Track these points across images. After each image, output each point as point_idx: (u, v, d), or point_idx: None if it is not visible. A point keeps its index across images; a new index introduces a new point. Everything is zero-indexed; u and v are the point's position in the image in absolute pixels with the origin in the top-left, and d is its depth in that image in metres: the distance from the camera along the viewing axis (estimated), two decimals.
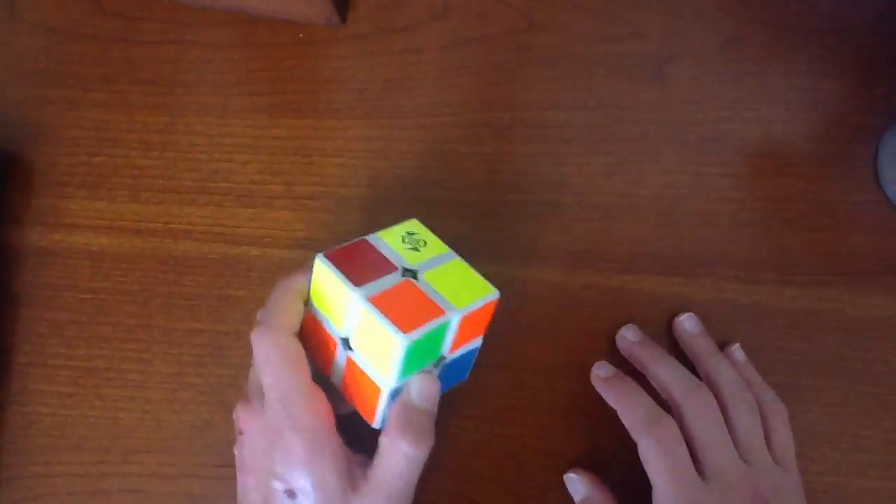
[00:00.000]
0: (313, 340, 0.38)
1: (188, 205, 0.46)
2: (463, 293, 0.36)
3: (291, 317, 0.37)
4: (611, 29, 0.47)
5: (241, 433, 0.37)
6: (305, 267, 0.37)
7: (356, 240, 0.37)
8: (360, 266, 0.36)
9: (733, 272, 0.44)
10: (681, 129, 0.46)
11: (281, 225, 0.46)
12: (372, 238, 0.37)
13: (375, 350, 0.35)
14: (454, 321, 0.35)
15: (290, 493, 0.35)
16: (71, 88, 0.48)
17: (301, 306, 0.37)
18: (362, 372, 0.36)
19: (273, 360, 0.35)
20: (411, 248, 0.37)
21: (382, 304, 0.34)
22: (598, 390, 0.41)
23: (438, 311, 0.34)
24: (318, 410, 0.35)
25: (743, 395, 0.39)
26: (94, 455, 0.44)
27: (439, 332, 0.35)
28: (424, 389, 0.36)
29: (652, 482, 0.37)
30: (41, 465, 0.44)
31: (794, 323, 0.44)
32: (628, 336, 0.43)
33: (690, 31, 0.47)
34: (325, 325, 0.37)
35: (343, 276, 0.35)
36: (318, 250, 0.45)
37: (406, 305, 0.34)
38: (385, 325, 0.33)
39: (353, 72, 0.47)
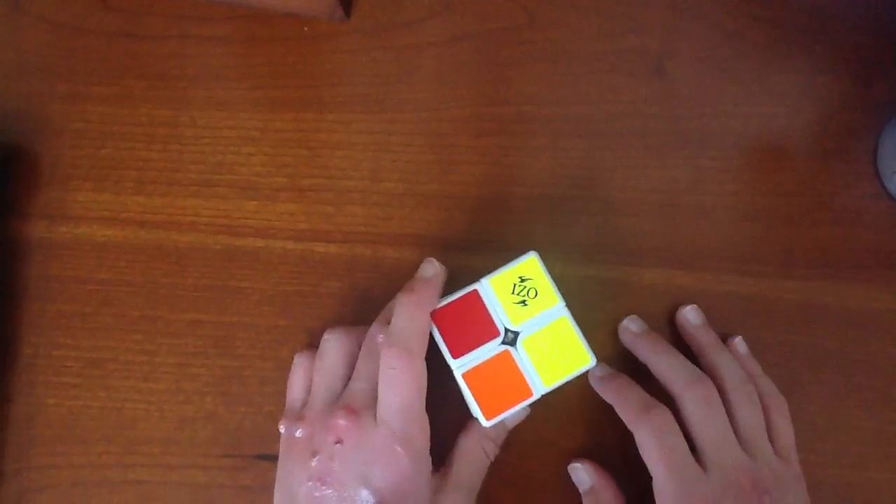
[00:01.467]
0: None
1: (192, 197, 0.47)
2: (557, 366, 0.37)
3: (426, 341, 0.38)
4: (611, 24, 0.47)
5: (339, 442, 0.37)
6: (428, 284, 0.39)
7: (467, 290, 0.38)
8: (462, 328, 0.38)
9: (733, 265, 0.44)
10: (681, 124, 0.46)
11: (285, 217, 0.46)
12: (483, 286, 0.38)
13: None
14: (541, 393, 0.37)
15: None
16: (75, 82, 0.49)
17: (429, 325, 0.38)
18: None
19: (408, 383, 0.37)
20: (519, 303, 0.38)
21: (474, 381, 0.37)
22: (596, 390, 0.42)
23: (526, 394, 0.37)
24: (427, 435, 0.37)
25: (745, 386, 0.39)
26: (99, 446, 0.44)
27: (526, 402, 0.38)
28: (516, 416, 0.41)
29: (651, 472, 0.37)
30: (46, 456, 0.45)
31: (794, 316, 0.44)
32: (631, 327, 0.43)
33: (690, 26, 0.47)
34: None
35: (444, 344, 0.38)
36: (320, 242, 0.45)
37: (499, 389, 0.37)
38: (472, 405, 0.37)
39: (357, 66, 0.48)
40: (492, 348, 0.38)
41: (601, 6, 0.47)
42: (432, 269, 0.40)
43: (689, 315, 0.43)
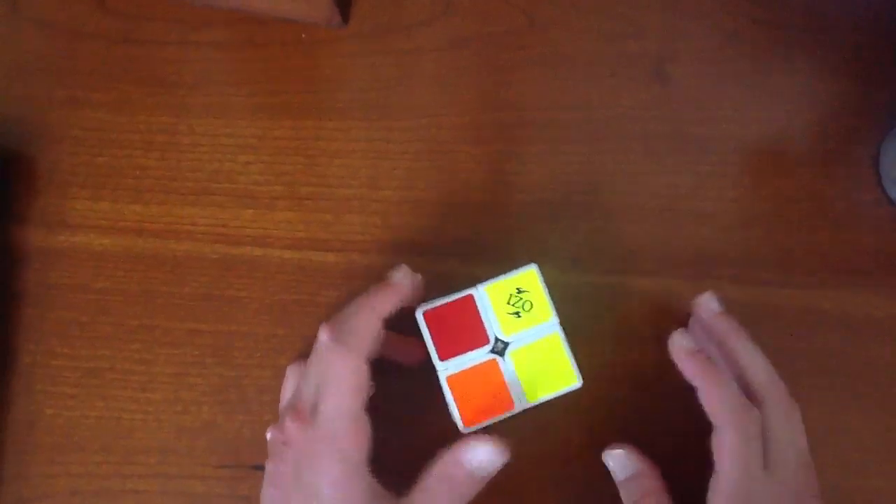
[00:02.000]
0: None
1: (190, 205, 0.47)
2: (542, 382, 0.37)
3: (371, 342, 0.37)
4: (611, 28, 0.47)
5: (285, 444, 0.36)
6: (389, 288, 0.38)
7: (463, 294, 0.38)
8: (453, 331, 0.38)
9: (734, 271, 0.44)
10: (681, 128, 0.46)
11: (283, 225, 0.46)
12: (479, 293, 0.38)
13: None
14: (523, 406, 0.37)
15: None
16: (73, 88, 0.49)
17: (380, 330, 0.37)
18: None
19: (343, 382, 0.36)
20: (513, 314, 0.38)
21: (457, 386, 0.37)
22: (678, 362, 0.38)
23: (508, 405, 0.37)
24: (364, 440, 0.36)
25: (776, 392, 0.38)
26: (96, 455, 0.44)
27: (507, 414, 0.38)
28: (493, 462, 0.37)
29: (717, 467, 0.36)
30: (44, 465, 0.44)
31: (794, 322, 0.44)
32: (684, 343, 0.39)
33: (691, 30, 0.47)
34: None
35: (432, 345, 0.37)
36: (318, 251, 0.45)
37: (482, 397, 0.37)
38: (453, 410, 0.37)
39: (355, 72, 0.47)
40: (480, 356, 0.37)
41: (601, 10, 0.47)
42: (399, 275, 0.39)
43: (710, 303, 0.41)
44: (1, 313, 0.46)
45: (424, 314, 0.38)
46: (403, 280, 0.39)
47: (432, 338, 0.38)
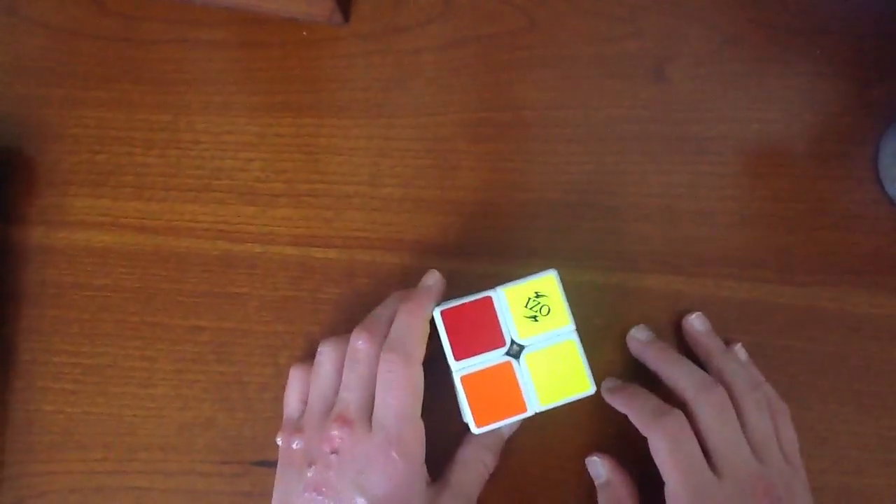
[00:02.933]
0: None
1: (191, 202, 0.47)
2: (556, 387, 0.37)
3: (423, 348, 0.38)
4: (611, 29, 0.47)
5: (335, 453, 0.37)
6: (427, 293, 0.39)
7: (481, 295, 0.38)
8: (469, 332, 0.38)
9: (733, 270, 0.44)
10: (681, 129, 0.46)
11: (283, 222, 0.46)
12: (497, 295, 0.38)
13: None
14: (535, 409, 0.37)
15: None
16: (73, 87, 0.49)
17: (428, 333, 0.39)
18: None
19: (404, 388, 0.37)
20: (530, 317, 0.38)
21: (471, 386, 0.37)
22: (608, 401, 0.42)
23: (520, 408, 0.37)
24: (422, 442, 0.37)
25: (754, 392, 0.39)
26: (97, 452, 0.44)
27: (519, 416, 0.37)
28: (513, 425, 0.42)
29: (664, 477, 0.37)
30: (44, 463, 0.44)
31: (793, 321, 0.44)
32: (639, 336, 0.43)
33: (689, 31, 0.47)
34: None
35: (448, 344, 0.37)
36: (319, 247, 0.45)
37: (495, 398, 0.37)
38: (465, 410, 0.37)
39: (356, 70, 0.47)
40: (495, 357, 0.37)
41: (601, 10, 0.47)
42: (432, 279, 0.41)
43: (695, 322, 0.43)
44: (1, 311, 0.46)
45: (442, 313, 0.37)
46: (437, 285, 0.41)
47: (448, 337, 0.37)
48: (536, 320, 0.37)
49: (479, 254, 0.45)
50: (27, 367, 0.45)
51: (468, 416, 0.37)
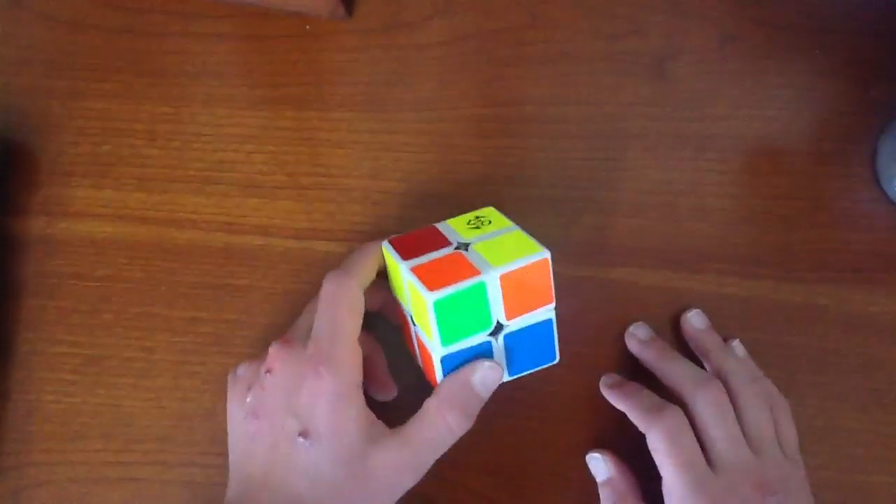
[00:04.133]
0: (406, 331, 0.39)
1: (193, 194, 0.47)
2: (506, 255, 0.35)
3: (366, 272, 0.38)
4: (612, 26, 0.47)
5: (269, 371, 0.36)
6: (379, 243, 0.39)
7: (425, 227, 0.39)
8: (417, 246, 0.37)
9: (733, 267, 0.44)
10: (680, 126, 0.46)
11: (285, 215, 0.46)
12: (440, 224, 0.39)
13: (422, 316, 0.35)
14: (493, 281, 0.35)
15: (305, 434, 0.34)
16: (76, 79, 0.49)
17: (375, 268, 0.38)
18: (422, 343, 0.37)
19: (337, 300, 0.36)
20: (474, 227, 0.38)
21: (422, 271, 0.35)
22: (607, 398, 0.42)
23: (474, 272, 0.35)
24: (358, 367, 0.36)
25: (753, 387, 0.39)
26: (96, 443, 0.44)
27: (478, 294, 0.35)
28: (486, 377, 0.36)
29: (661, 472, 0.37)
30: (43, 453, 0.44)
31: (792, 318, 0.44)
32: (638, 334, 0.43)
33: (691, 29, 0.47)
34: (402, 308, 0.39)
35: (397, 254, 0.37)
36: (320, 240, 0.45)
37: (446, 271, 0.35)
38: (418, 286, 0.34)
39: (358, 65, 0.48)
40: (443, 252, 0.37)
41: (602, 7, 0.48)
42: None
43: (694, 320, 0.43)
44: (2, 301, 0.46)
45: (391, 240, 0.38)
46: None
47: (397, 251, 0.37)
48: (479, 228, 0.38)
49: None
50: (27, 357, 0.45)
51: (421, 287, 0.34)
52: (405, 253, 0.37)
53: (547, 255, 0.36)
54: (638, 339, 0.43)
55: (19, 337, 0.46)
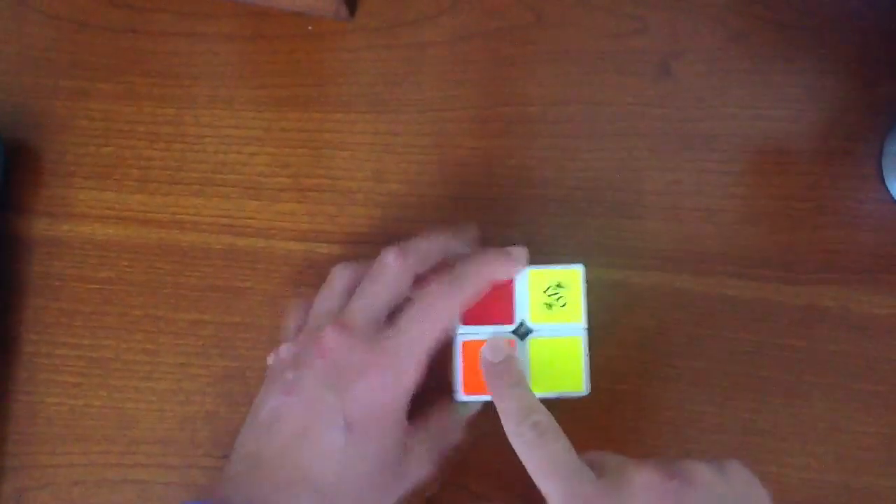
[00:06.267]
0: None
1: (195, 196, 0.47)
2: (550, 378, 0.37)
3: (475, 296, 0.36)
4: (617, 25, 0.47)
5: (322, 354, 0.35)
6: (507, 258, 0.37)
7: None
8: (483, 302, 0.37)
9: (737, 268, 0.44)
10: (686, 126, 0.46)
11: (287, 217, 0.46)
12: (521, 274, 0.37)
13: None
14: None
15: (349, 425, 0.34)
16: (79, 79, 0.49)
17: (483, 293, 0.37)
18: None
19: (439, 319, 0.35)
20: (546, 304, 0.37)
21: (469, 354, 0.37)
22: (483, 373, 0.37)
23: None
24: (420, 375, 0.35)
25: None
26: (99, 445, 0.44)
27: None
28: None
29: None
30: (46, 455, 0.45)
31: (797, 320, 0.44)
32: (487, 356, 0.37)
33: (696, 28, 0.47)
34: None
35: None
36: (323, 242, 0.45)
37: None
38: (457, 373, 0.37)
39: (361, 65, 0.47)
40: (501, 332, 0.37)
41: (607, 6, 0.47)
42: (518, 252, 0.38)
43: (485, 352, 0.37)
44: (4, 303, 0.46)
45: None
46: (520, 259, 0.37)
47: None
48: (551, 308, 0.37)
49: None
50: (30, 358, 0.45)
51: (458, 381, 0.37)
52: (468, 309, 0.37)
53: (586, 392, 0.37)
54: (485, 359, 0.37)
55: (22, 338, 0.46)
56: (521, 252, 0.38)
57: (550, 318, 0.37)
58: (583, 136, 0.46)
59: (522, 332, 0.37)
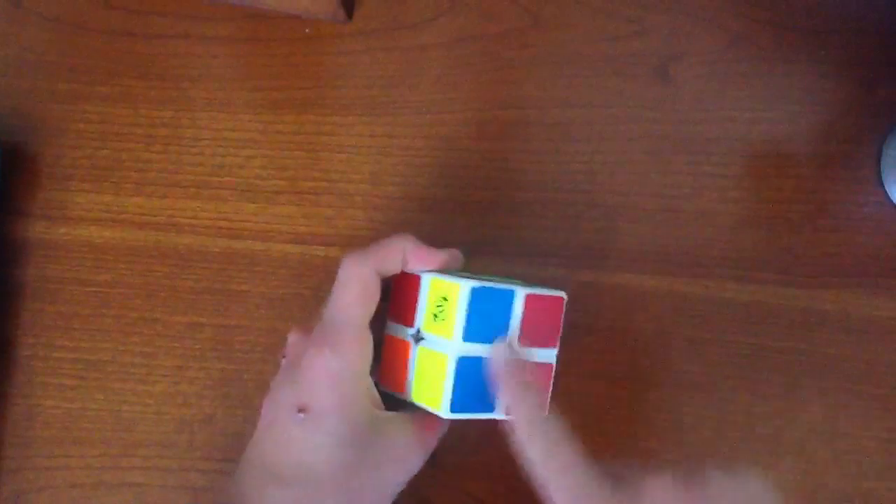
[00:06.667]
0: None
1: (192, 199, 0.47)
2: (424, 391, 0.36)
3: (387, 261, 0.36)
4: (616, 27, 0.47)
5: (283, 357, 0.37)
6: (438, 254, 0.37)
7: (418, 273, 0.37)
8: (404, 297, 0.37)
9: (735, 272, 0.44)
10: (684, 129, 0.46)
11: (284, 220, 0.46)
12: (426, 277, 0.37)
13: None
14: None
15: (303, 409, 0.34)
16: (76, 82, 0.49)
17: (397, 260, 0.36)
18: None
19: (351, 284, 0.35)
20: (434, 314, 0.36)
21: (387, 347, 0.37)
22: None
23: (402, 390, 0.36)
24: (363, 346, 0.35)
25: None
26: (96, 448, 0.44)
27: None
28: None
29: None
30: (44, 458, 0.45)
31: (796, 323, 0.44)
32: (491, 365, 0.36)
33: (695, 30, 0.47)
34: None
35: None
36: (320, 245, 0.45)
37: (396, 366, 0.37)
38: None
39: (359, 68, 0.47)
40: (403, 332, 0.37)
41: (605, 9, 0.47)
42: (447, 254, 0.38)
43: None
44: (2, 306, 0.46)
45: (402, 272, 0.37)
46: (435, 256, 0.37)
47: (393, 293, 0.38)
48: (436, 319, 0.36)
49: (480, 253, 0.45)
50: (27, 362, 0.45)
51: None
52: (394, 301, 0.38)
53: (445, 413, 0.35)
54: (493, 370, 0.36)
55: (19, 341, 0.46)
56: (438, 255, 0.37)
57: (434, 328, 0.36)
58: (581, 139, 0.46)
59: (417, 338, 0.36)
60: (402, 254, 0.36)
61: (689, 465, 0.38)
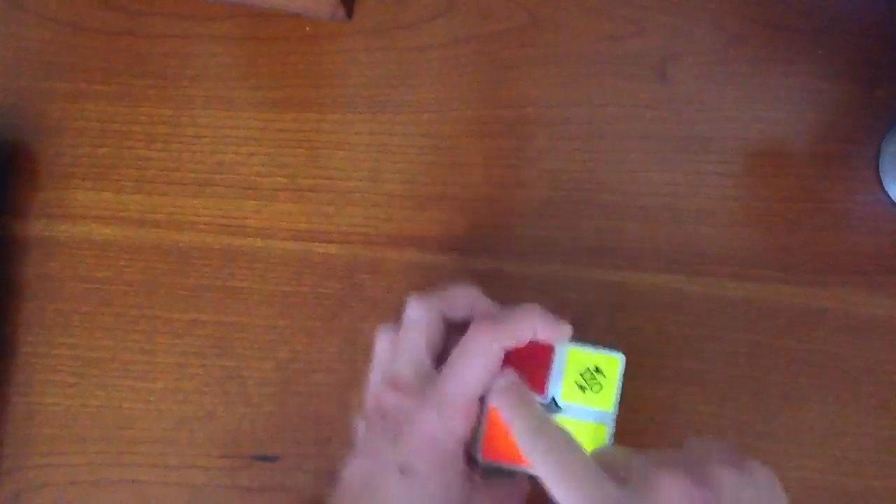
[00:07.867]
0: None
1: (192, 196, 0.47)
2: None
3: (518, 338, 0.36)
4: (614, 27, 0.47)
5: (385, 416, 0.35)
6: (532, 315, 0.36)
7: (542, 342, 0.36)
8: (518, 368, 0.36)
9: (734, 270, 0.44)
10: (683, 128, 0.46)
11: (284, 217, 0.46)
12: (560, 349, 0.37)
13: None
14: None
15: (405, 469, 0.34)
16: (75, 81, 0.49)
17: (529, 337, 0.36)
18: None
19: (478, 360, 0.35)
20: (580, 385, 0.36)
21: (496, 419, 0.36)
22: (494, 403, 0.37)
23: (525, 461, 0.34)
24: (473, 418, 0.35)
25: None
26: (96, 445, 0.44)
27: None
28: None
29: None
30: (44, 455, 0.45)
31: (794, 322, 0.44)
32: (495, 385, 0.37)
33: (693, 30, 0.47)
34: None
35: None
36: (320, 242, 0.45)
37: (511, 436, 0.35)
38: (479, 436, 0.36)
39: (358, 67, 0.47)
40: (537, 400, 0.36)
41: (604, 9, 0.47)
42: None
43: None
44: (2, 304, 0.46)
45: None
46: (564, 330, 0.36)
47: None
48: (583, 391, 0.36)
49: (479, 251, 0.45)
50: (27, 359, 0.45)
51: (479, 444, 0.36)
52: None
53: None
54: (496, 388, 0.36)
55: (19, 339, 0.46)
56: (566, 326, 0.37)
57: (581, 399, 0.36)
58: (579, 137, 0.46)
59: (552, 410, 0.36)
60: (534, 331, 0.36)
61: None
